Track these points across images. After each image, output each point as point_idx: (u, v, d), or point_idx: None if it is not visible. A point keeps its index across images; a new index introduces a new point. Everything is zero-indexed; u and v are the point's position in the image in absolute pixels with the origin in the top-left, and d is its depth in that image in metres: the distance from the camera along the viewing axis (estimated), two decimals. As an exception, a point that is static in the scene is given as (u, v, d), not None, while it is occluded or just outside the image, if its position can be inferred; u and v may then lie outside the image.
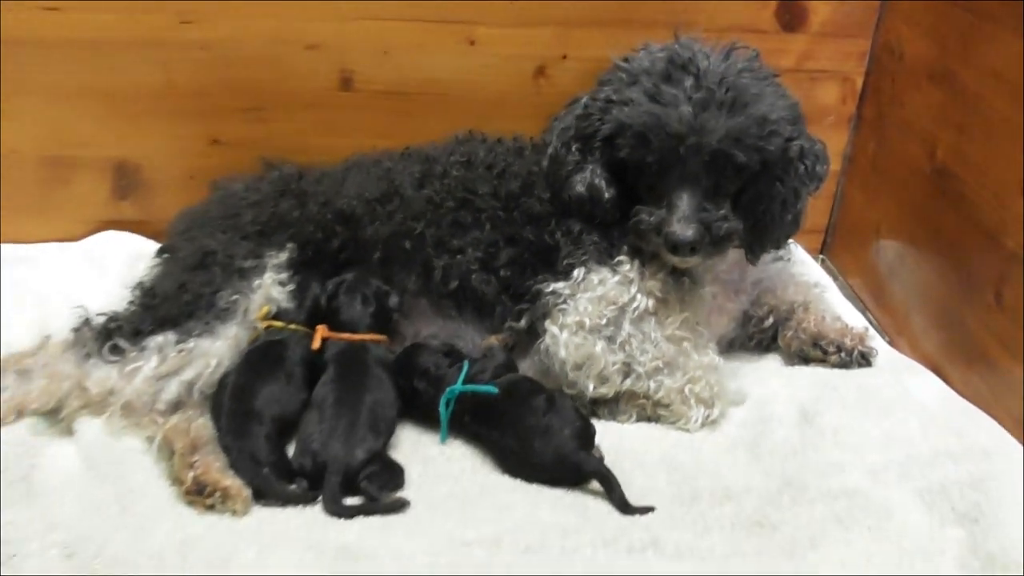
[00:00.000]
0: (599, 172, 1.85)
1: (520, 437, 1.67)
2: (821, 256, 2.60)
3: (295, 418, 1.71)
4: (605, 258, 1.87)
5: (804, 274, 2.20)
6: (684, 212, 1.76)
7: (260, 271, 1.87)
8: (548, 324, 1.85)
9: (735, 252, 1.94)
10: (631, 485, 1.61)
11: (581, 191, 1.86)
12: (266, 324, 1.84)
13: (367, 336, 1.83)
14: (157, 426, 1.68)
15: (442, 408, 1.74)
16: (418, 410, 1.80)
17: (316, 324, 1.85)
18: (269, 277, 1.88)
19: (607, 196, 1.85)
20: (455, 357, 1.82)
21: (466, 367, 1.78)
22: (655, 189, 1.81)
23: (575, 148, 1.87)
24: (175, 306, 1.78)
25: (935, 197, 2.09)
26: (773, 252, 2.01)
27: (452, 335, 1.92)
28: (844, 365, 1.96)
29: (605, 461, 1.66)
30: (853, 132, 2.48)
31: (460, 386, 1.74)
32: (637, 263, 1.86)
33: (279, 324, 1.84)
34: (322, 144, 2.25)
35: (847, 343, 1.98)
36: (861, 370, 1.95)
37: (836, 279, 2.47)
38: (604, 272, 1.86)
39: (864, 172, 2.45)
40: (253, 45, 2.25)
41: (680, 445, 1.76)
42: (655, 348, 1.83)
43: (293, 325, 1.84)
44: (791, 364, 2.01)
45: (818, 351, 1.98)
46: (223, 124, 2.33)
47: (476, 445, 1.75)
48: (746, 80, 1.78)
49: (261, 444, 1.64)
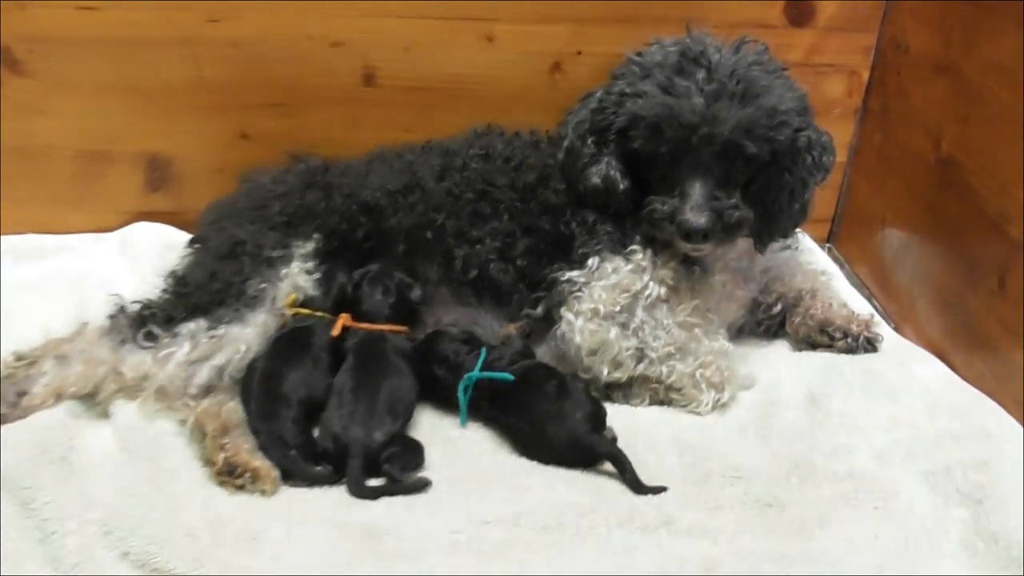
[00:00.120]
0: (614, 164, 1.84)
1: (534, 421, 1.67)
2: (828, 245, 2.58)
3: (321, 401, 1.71)
4: (619, 247, 1.86)
5: (811, 262, 2.19)
6: (696, 200, 1.75)
7: (287, 260, 1.87)
8: (564, 311, 1.85)
9: (744, 241, 1.93)
10: (644, 466, 1.61)
11: (597, 182, 1.85)
12: (293, 311, 1.84)
13: (387, 326, 1.83)
14: (189, 409, 1.69)
15: (460, 394, 1.74)
16: (438, 396, 1.80)
17: (342, 312, 1.85)
18: (296, 266, 1.88)
19: (622, 187, 1.84)
20: (473, 344, 1.82)
21: (483, 354, 1.77)
22: (667, 179, 1.80)
23: (590, 141, 1.86)
24: (206, 294, 1.79)
25: (940, 187, 2.07)
26: (781, 241, 1.99)
27: (471, 322, 1.92)
28: (850, 351, 1.95)
29: (618, 443, 1.66)
30: (859, 124, 2.46)
31: (477, 373, 1.74)
32: (649, 252, 1.85)
33: (306, 311, 1.84)
34: (346, 138, 2.24)
35: (853, 329, 1.97)
36: (867, 355, 1.94)
37: (842, 267, 2.46)
38: (618, 261, 1.85)
39: (870, 163, 2.43)
40: (280, 42, 2.25)
41: (691, 428, 1.76)
42: (667, 334, 1.82)
43: (319, 312, 1.84)
44: (799, 350, 2.00)
45: (825, 337, 1.97)
46: (251, 119, 2.33)
47: (494, 428, 1.75)
48: (756, 72, 1.77)
49: (289, 427, 1.64)
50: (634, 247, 1.86)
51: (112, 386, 1.71)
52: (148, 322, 1.74)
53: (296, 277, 1.87)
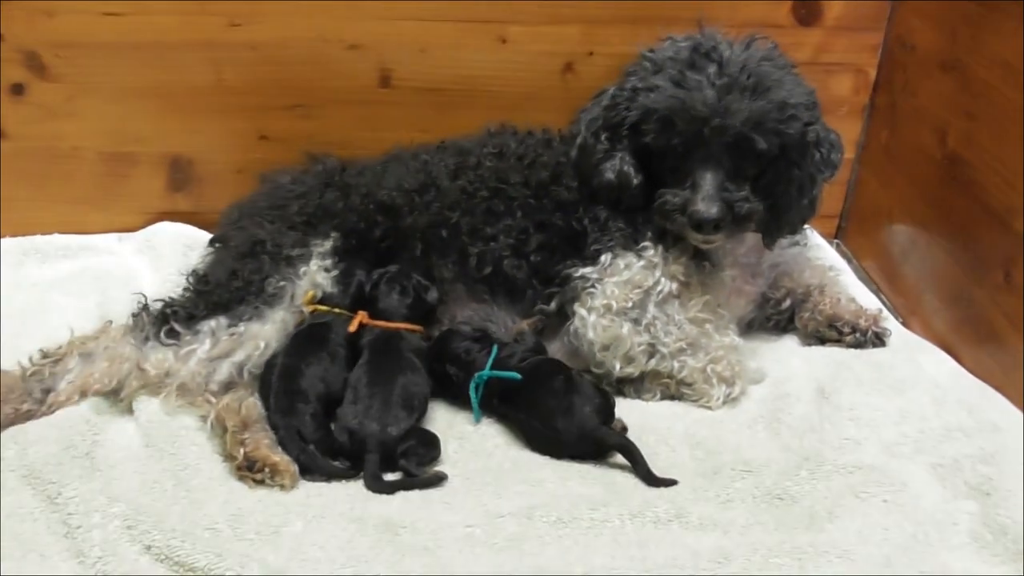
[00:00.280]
0: (627, 159, 1.83)
1: (543, 417, 1.66)
2: (836, 240, 2.56)
3: (339, 397, 1.69)
4: (630, 244, 1.85)
5: (820, 258, 2.17)
6: (708, 191, 1.74)
7: (306, 259, 1.86)
8: (577, 307, 1.83)
9: (753, 237, 1.91)
10: (656, 460, 1.60)
11: (611, 178, 1.83)
12: (312, 308, 1.83)
13: (402, 325, 1.82)
14: (210, 405, 1.68)
15: (472, 392, 1.73)
16: (451, 393, 1.79)
17: (360, 310, 1.83)
18: (315, 264, 1.87)
19: (635, 182, 1.83)
20: (485, 342, 1.80)
21: (495, 352, 1.76)
22: (679, 172, 1.79)
23: (604, 137, 1.85)
24: (227, 292, 1.78)
25: (946, 182, 2.06)
26: (790, 237, 1.98)
27: (485, 318, 1.90)
28: (859, 345, 1.93)
29: (631, 437, 1.64)
30: (867, 121, 2.44)
31: (488, 371, 1.73)
32: (661, 248, 1.84)
33: (324, 308, 1.83)
34: (363, 138, 2.25)
35: (862, 324, 1.95)
36: (875, 350, 1.92)
37: (851, 262, 2.43)
38: (630, 257, 1.84)
39: (877, 159, 2.41)
40: (298, 46, 2.24)
41: (702, 422, 1.74)
42: (679, 329, 1.81)
43: (337, 310, 1.83)
44: (808, 344, 1.98)
45: (834, 332, 1.95)
46: (270, 120, 2.33)
47: (506, 424, 1.74)
48: (767, 67, 1.76)
49: (307, 422, 1.63)
50: (646, 243, 1.84)
51: (135, 383, 1.70)
52: (170, 320, 1.74)
53: (314, 275, 1.86)
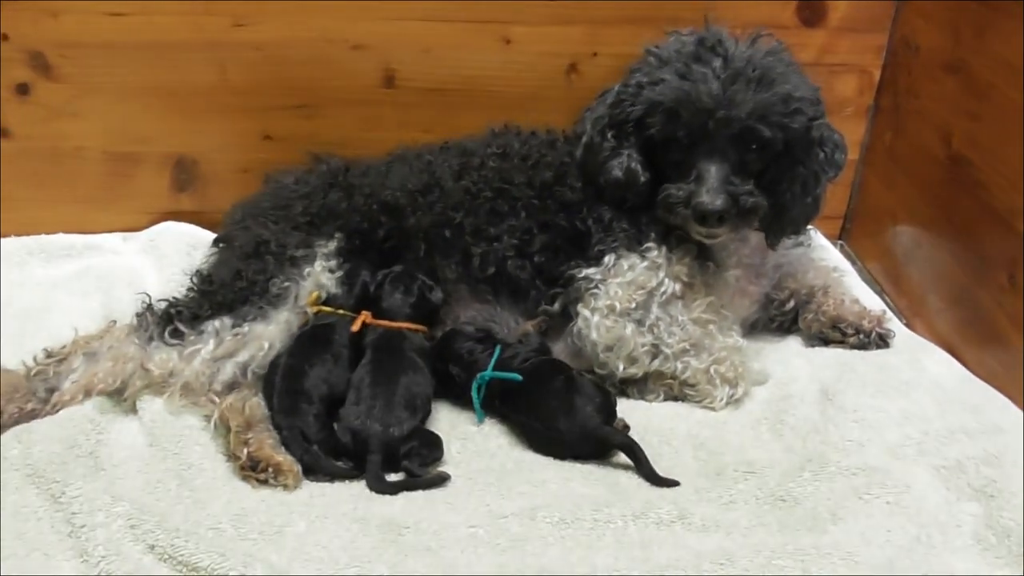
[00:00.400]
0: (635, 156, 1.82)
1: (545, 418, 1.65)
2: (840, 242, 2.55)
3: (342, 398, 1.69)
4: (634, 244, 1.85)
5: (824, 259, 2.16)
6: (712, 184, 1.73)
7: (310, 259, 1.86)
8: (580, 308, 1.83)
9: (757, 237, 1.91)
10: (659, 461, 1.60)
11: (618, 175, 1.83)
12: (316, 309, 1.83)
13: (405, 325, 1.82)
14: (214, 405, 1.68)
15: (473, 393, 1.73)
16: (454, 394, 1.79)
17: (364, 310, 1.83)
18: (319, 265, 1.87)
19: (643, 180, 1.82)
20: (488, 343, 1.80)
21: (497, 352, 1.76)
22: (683, 165, 1.79)
23: (610, 135, 1.84)
24: (231, 292, 1.78)
25: (950, 184, 2.05)
26: (793, 237, 1.97)
27: (489, 319, 1.90)
28: (863, 346, 1.92)
29: (634, 438, 1.63)
30: (871, 122, 2.44)
31: (490, 372, 1.73)
32: (664, 249, 1.84)
33: (328, 309, 1.83)
34: (367, 139, 2.25)
35: (865, 325, 1.94)
36: (879, 351, 1.91)
37: (854, 264, 2.43)
38: (633, 258, 1.83)
39: (881, 160, 2.41)
40: (302, 46, 2.24)
41: (705, 423, 1.74)
42: (682, 330, 1.80)
43: (341, 311, 1.83)
44: (811, 345, 1.98)
45: (837, 333, 1.94)
46: (274, 120, 2.33)
47: (509, 424, 1.74)
48: (771, 61, 1.76)
49: (310, 422, 1.63)
50: (649, 244, 1.84)
51: (139, 382, 1.70)
52: (174, 320, 1.74)
53: (319, 276, 1.86)
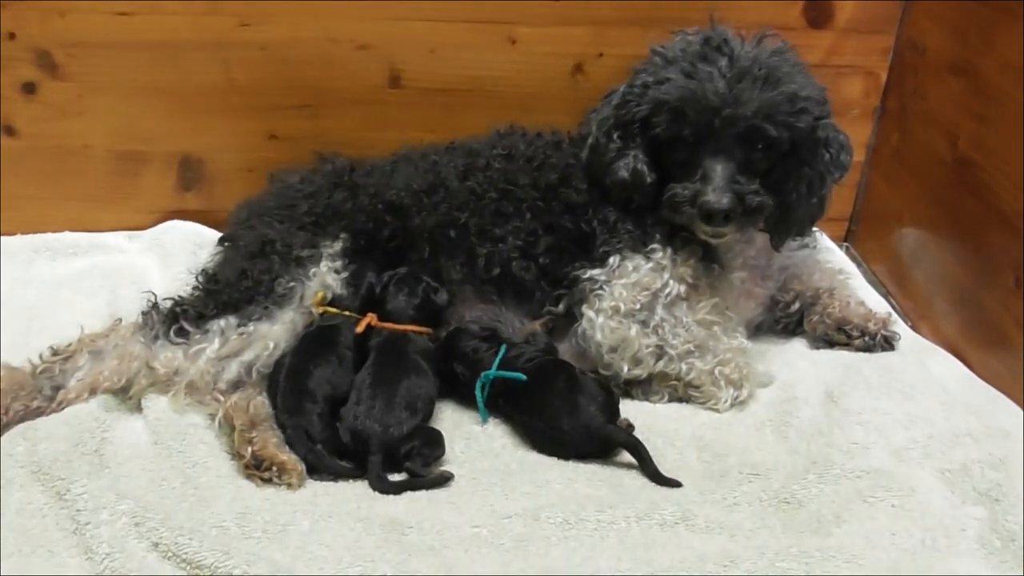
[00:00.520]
0: (641, 157, 1.82)
1: (548, 418, 1.65)
2: (845, 244, 2.55)
3: (345, 399, 1.69)
4: (639, 246, 1.84)
5: (829, 261, 2.17)
6: (718, 182, 1.73)
7: (316, 259, 1.86)
8: (585, 309, 1.83)
9: (762, 238, 1.91)
10: (663, 462, 1.60)
11: (624, 176, 1.82)
12: (321, 310, 1.82)
13: (410, 327, 1.82)
14: (219, 404, 1.69)
15: (477, 392, 1.73)
16: (458, 392, 1.79)
17: (370, 311, 1.83)
18: (324, 265, 1.87)
19: (649, 180, 1.82)
20: (493, 342, 1.80)
21: (502, 352, 1.75)
22: (689, 164, 1.78)
23: (616, 136, 1.84)
24: (236, 292, 1.78)
25: (956, 186, 2.05)
26: (798, 239, 1.97)
27: (493, 319, 1.90)
28: (868, 349, 1.92)
29: (637, 437, 1.63)
30: (877, 124, 2.44)
31: (494, 371, 1.73)
32: (669, 251, 1.84)
33: (334, 310, 1.83)
34: (372, 138, 2.24)
35: (871, 327, 1.94)
36: (884, 353, 1.91)
37: (860, 266, 2.43)
38: (638, 259, 1.83)
39: (888, 162, 2.41)
40: (308, 46, 2.25)
41: (710, 424, 1.74)
42: (687, 332, 1.80)
43: (347, 311, 1.83)
44: (816, 347, 1.97)
45: (843, 335, 1.94)
46: (280, 120, 2.33)
47: (513, 424, 1.74)
48: (777, 60, 1.76)
49: (314, 422, 1.64)
50: (654, 245, 1.84)
51: (144, 380, 1.71)
52: (180, 318, 1.74)
53: (324, 276, 1.86)
